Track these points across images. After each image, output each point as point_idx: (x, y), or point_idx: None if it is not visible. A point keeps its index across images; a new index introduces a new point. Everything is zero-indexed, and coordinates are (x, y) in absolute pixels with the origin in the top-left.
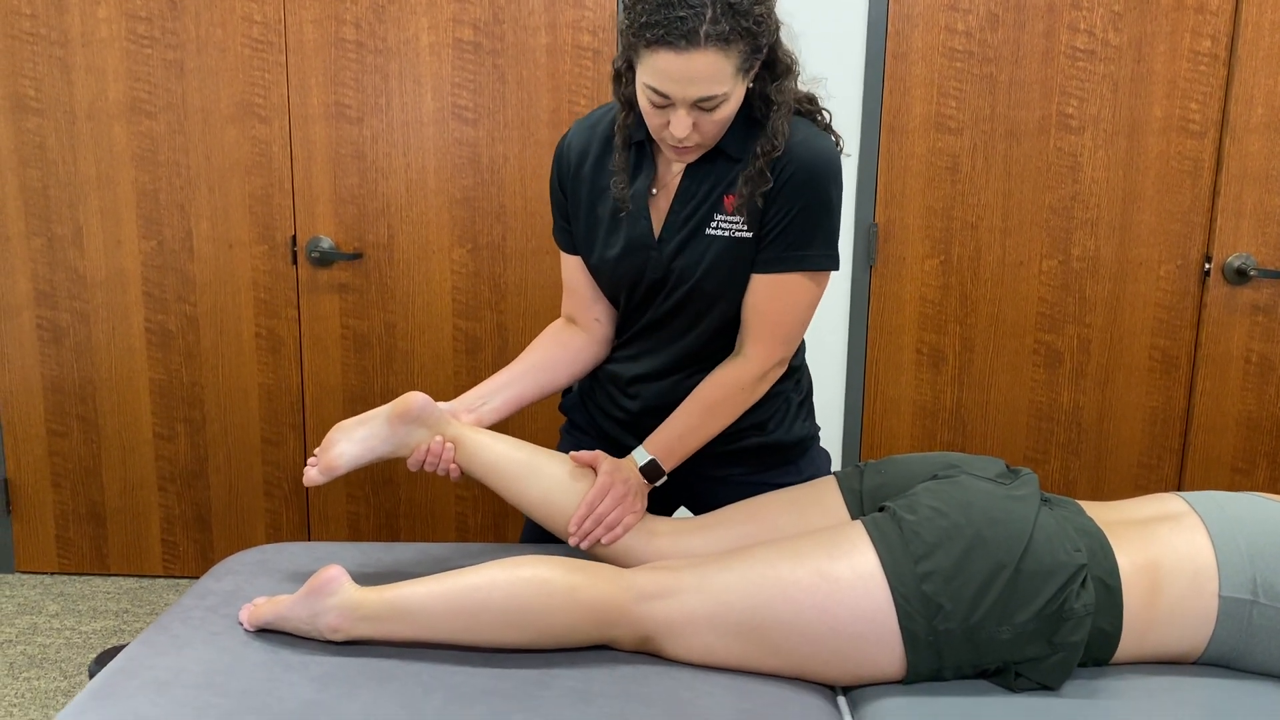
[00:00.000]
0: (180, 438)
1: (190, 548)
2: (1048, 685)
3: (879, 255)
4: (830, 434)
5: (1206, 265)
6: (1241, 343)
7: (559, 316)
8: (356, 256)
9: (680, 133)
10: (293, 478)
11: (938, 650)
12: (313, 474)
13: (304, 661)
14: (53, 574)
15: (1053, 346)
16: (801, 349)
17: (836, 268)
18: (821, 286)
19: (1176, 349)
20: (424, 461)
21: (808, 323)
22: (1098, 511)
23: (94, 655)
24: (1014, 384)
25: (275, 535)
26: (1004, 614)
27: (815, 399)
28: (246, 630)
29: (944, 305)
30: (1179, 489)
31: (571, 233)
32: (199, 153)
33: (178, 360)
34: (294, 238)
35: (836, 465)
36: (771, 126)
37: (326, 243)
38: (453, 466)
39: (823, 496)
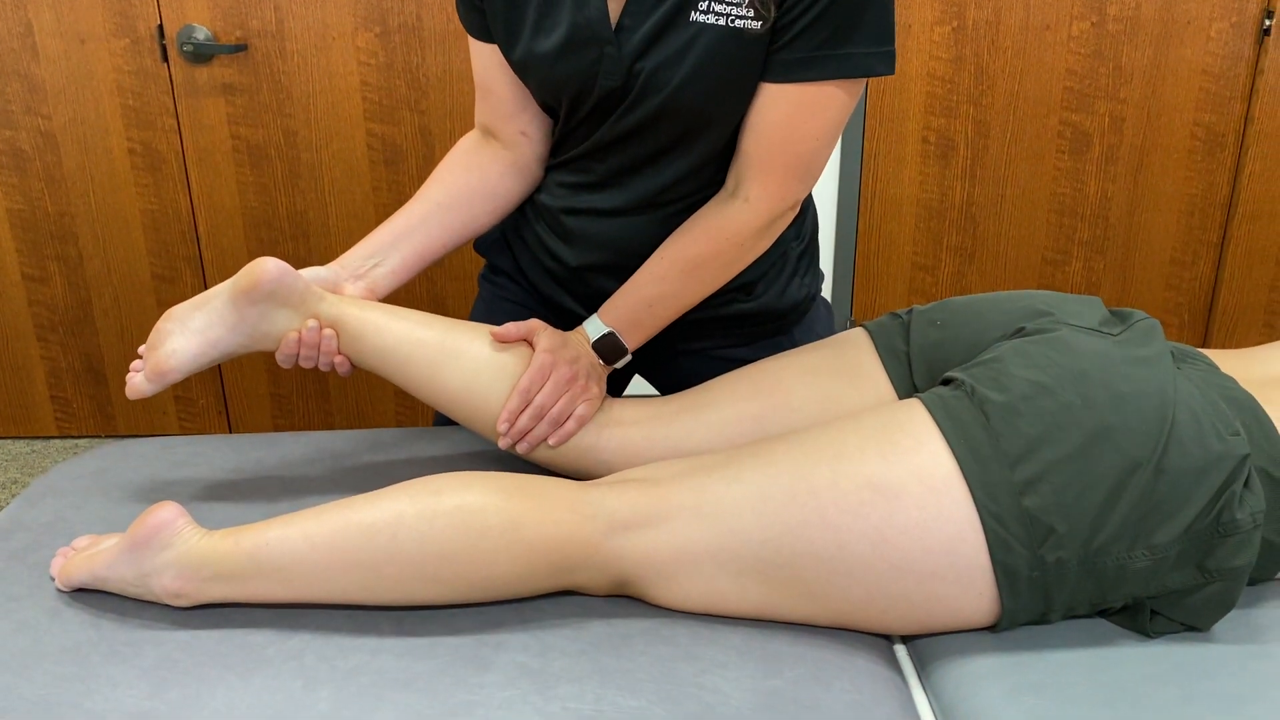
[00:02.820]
0: (55, 279)
1: (85, 404)
2: (1195, 626)
3: None
4: (820, 243)
5: (1267, 22)
6: None
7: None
8: (240, 49)
9: None
10: None
11: (1044, 589)
12: (137, 381)
13: (134, 642)
14: None
15: (1080, 128)
16: None
17: (891, 70)
18: (857, 94)
19: (1223, 125)
20: (297, 355)
21: (833, 147)
22: (1234, 366)
23: None
24: (1034, 174)
25: (183, 387)
26: (1139, 533)
27: None
28: (61, 590)
29: (956, 83)
30: (1215, 286)
31: (484, 11)
32: None
33: (38, 186)
34: (160, 28)
35: (829, 295)
36: None
37: (202, 33)
38: (338, 359)
39: (854, 361)
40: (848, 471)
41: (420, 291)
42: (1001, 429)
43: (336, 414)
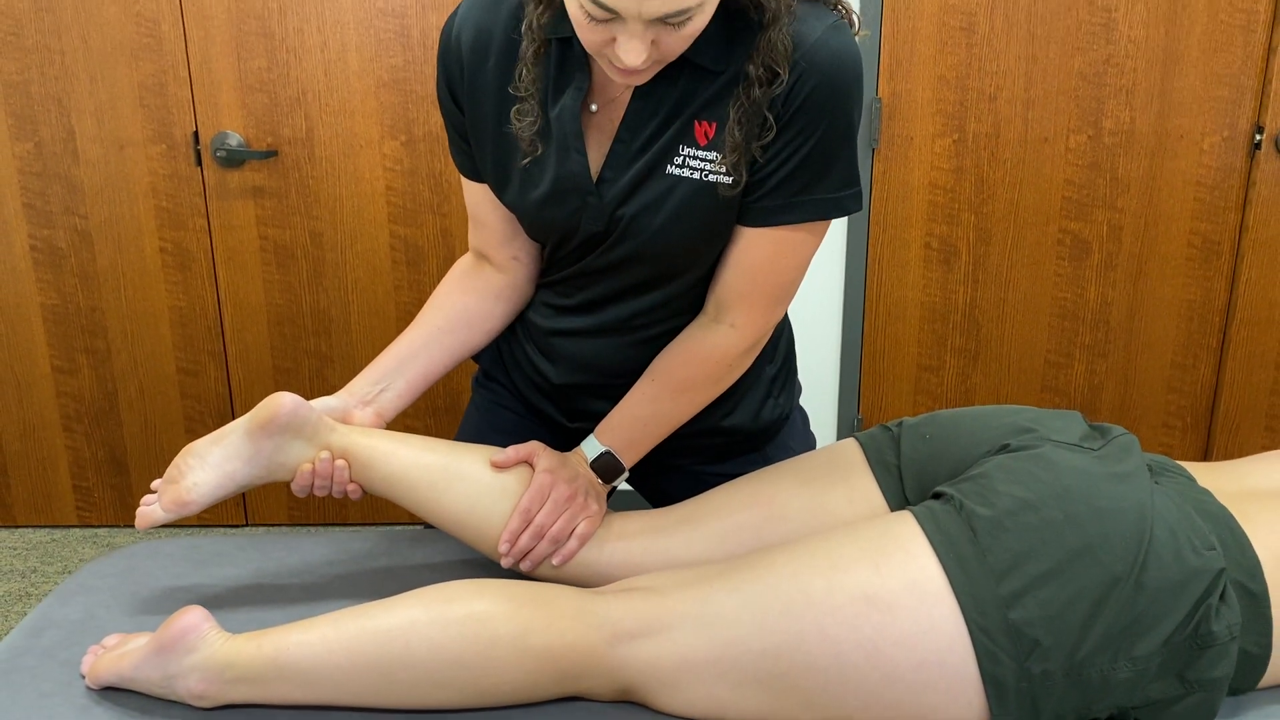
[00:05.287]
0: (83, 371)
1: (106, 493)
2: None
3: (883, 136)
4: (828, 344)
5: (1257, 136)
6: None
7: None
8: (271, 154)
9: (633, 60)
10: (216, 411)
11: (1031, 699)
12: (153, 512)
13: None
14: None
15: (1079, 235)
16: None
17: (860, 207)
18: (829, 226)
19: (1219, 233)
20: (312, 486)
21: (806, 271)
22: (1211, 479)
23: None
24: (1035, 280)
25: None
26: (1121, 646)
27: (809, 309)
28: (91, 689)
29: (957, 192)
30: (1216, 390)
31: (475, 158)
32: (74, 35)
33: (72, 282)
34: (195, 134)
35: (831, 389)
36: (770, 38)
37: (234, 139)
38: (350, 486)
39: (846, 473)
40: (843, 583)
41: (437, 389)
42: (988, 544)
43: (351, 505)
